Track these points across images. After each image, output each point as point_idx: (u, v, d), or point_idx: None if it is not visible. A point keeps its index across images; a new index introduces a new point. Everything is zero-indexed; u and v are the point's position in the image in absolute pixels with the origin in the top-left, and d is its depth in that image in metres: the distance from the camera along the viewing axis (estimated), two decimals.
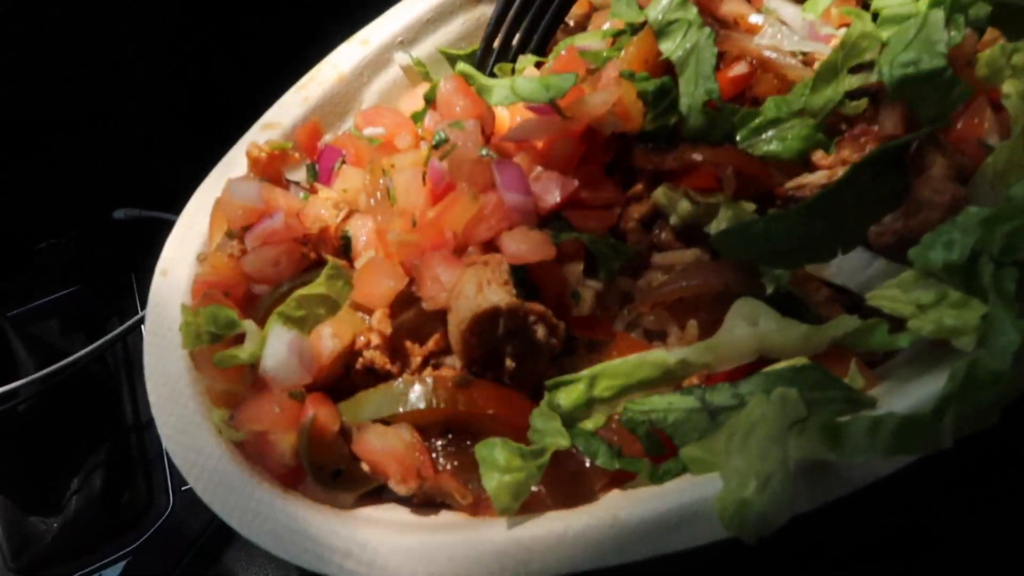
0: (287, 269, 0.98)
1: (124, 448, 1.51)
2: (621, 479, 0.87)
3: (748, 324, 0.90)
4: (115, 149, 1.70)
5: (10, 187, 1.69)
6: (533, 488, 0.86)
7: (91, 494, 1.46)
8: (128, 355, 1.63)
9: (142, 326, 1.33)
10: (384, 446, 0.85)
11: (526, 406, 0.91)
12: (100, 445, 1.51)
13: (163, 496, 1.44)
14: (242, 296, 0.99)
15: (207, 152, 1.23)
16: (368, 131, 1.13)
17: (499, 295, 0.90)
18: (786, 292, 0.91)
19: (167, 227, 1.15)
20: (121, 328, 1.52)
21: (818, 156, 0.97)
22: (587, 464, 0.87)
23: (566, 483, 0.87)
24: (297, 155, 1.14)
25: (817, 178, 0.95)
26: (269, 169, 1.09)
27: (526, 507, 0.84)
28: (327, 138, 1.23)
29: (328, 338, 0.91)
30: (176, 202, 1.18)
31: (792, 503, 0.72)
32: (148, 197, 1.68)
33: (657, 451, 0.87)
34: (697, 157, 0.98)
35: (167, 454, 1.49)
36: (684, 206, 1.01)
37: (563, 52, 1.15)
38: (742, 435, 0.80)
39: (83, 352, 1.51)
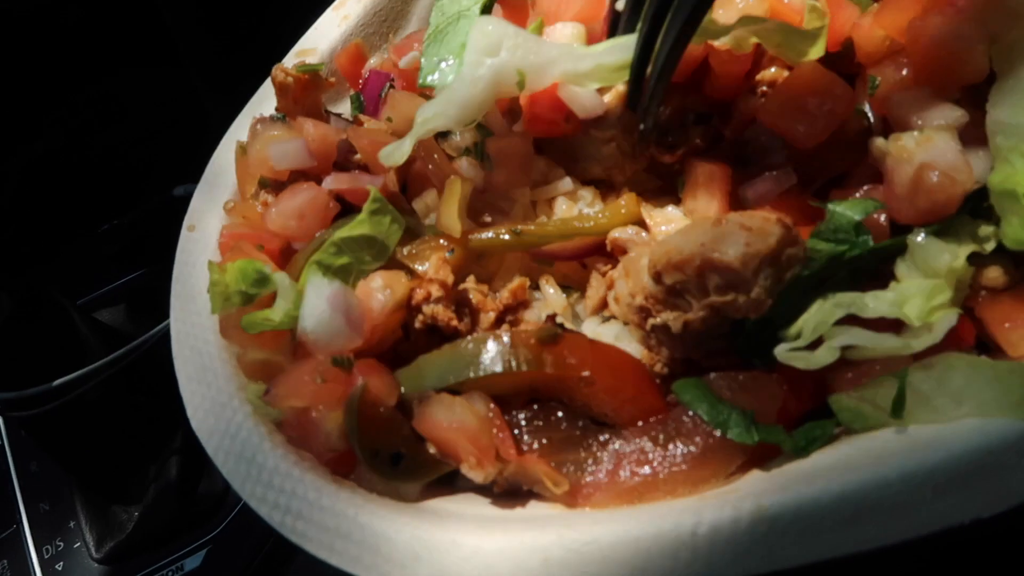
0: (314, 222, 0.81)
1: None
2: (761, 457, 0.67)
3: None
4: (168, 123, 1.62)
5: (69, 170, 1.64)
6: (644, 471, 0.66)
7: (168, 482, 1.43)
8: None
9: None
10: (452, 421, 0.67)
11: (630, 368, 0.70)
12: (174, 432, 1.50)
13: None
14: (279, 251, 0.83)
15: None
16: (406, 61, 0.94)
17: None
18: None
19: None
20: None
21: None
22: (714, 437, 0.66)
23: (689, 462, 0.66)
24: (333, 80, 0.96)
25: None
26: (302, 98, 0.92)
27: (637, 494, 0.65)
28: (372, 62, 1.05)
29: (378, 291, 0.73)
30: None
31: None
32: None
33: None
34: None
35: None
36: None
37: None
38: None
39: (147, 335, 1.45)
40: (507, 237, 0.81)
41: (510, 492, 0.71)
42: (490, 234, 0.81)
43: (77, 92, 1.64)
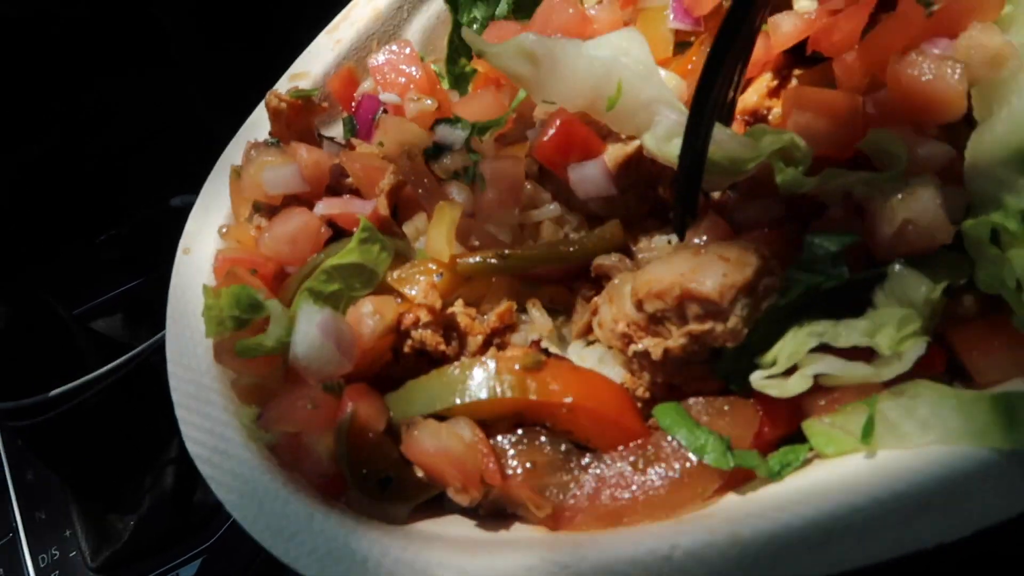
0: (306, 247, 0.83)
1: None
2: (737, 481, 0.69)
3: None
4: (161, 130, 1.63)
5: (67, 180, 1.66)
6: (624, 495, 0.68)
7: (164, 492, 1.44)
8: None
9: None
10: (438, 447, 0.69)
11: (612, 394, 0.72)
12: (169, 441, 1.50)
13: None
14: (273, 274, 0.85)
15: None
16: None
17: None
18: None
19: None
20: None
21: None
22: (692, 461, 0.68)
23: (668, 486, 0.68)
24: (326, 104, 0.98)
25: None
26: (295, 122, 0.93)
27: (616, 517, 0.67)
28: (365, 86, 1.06)
29: (368, 317, 0.75)
30: None
31: None
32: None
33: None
34: None
35: None
36: None
37: None
38: None
39: (144, 346, 1.46)
40: (494, 261, 0.83)
41: (495, 514, 0.73)
42: (478, 258, 0.83)
43: (68, 97, 1.66)
